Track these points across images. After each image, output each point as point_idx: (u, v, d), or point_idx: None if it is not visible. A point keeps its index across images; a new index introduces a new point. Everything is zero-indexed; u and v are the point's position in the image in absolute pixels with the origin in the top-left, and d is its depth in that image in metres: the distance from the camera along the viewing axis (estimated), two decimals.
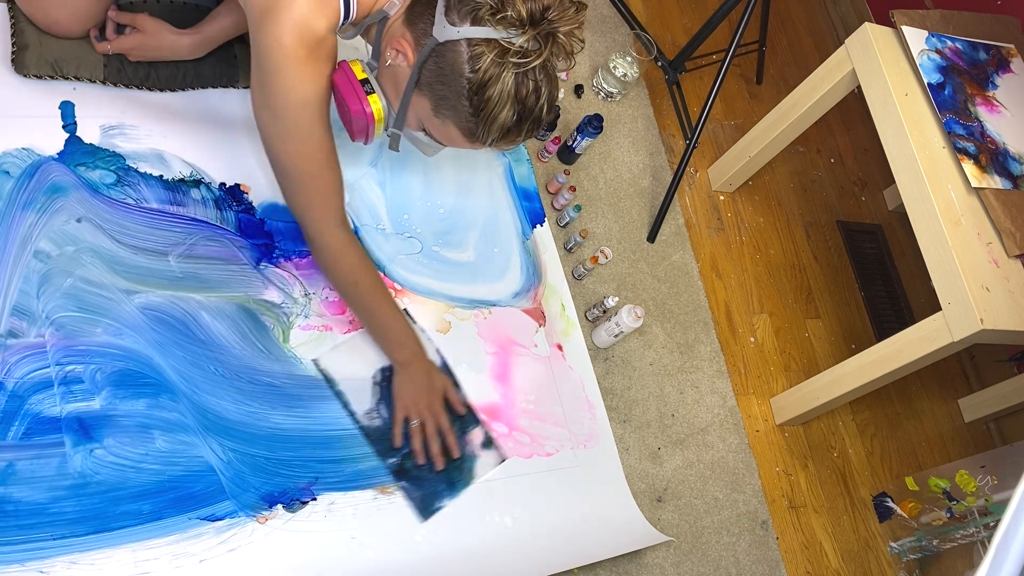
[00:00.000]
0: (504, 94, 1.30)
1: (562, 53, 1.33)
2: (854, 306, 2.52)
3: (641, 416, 1.98)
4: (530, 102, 1.33)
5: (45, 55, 1.57)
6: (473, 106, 1.32)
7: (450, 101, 1.34)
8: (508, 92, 1.30)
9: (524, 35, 1.28)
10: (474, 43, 1.28)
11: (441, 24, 1.30)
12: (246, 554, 1.41)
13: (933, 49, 1.97)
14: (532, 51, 1.29)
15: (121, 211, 1.56)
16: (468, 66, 1.29)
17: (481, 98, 1.30)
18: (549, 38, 1.30)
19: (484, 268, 1.90)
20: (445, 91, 1.33)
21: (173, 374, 1.48)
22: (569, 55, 1.34)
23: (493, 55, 1.28)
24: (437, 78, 1.33)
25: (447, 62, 1.31)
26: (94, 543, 1.31)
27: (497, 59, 1.28)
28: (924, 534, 2.12)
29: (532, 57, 1.29)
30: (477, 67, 1.28)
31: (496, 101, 1.31)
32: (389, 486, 1.58)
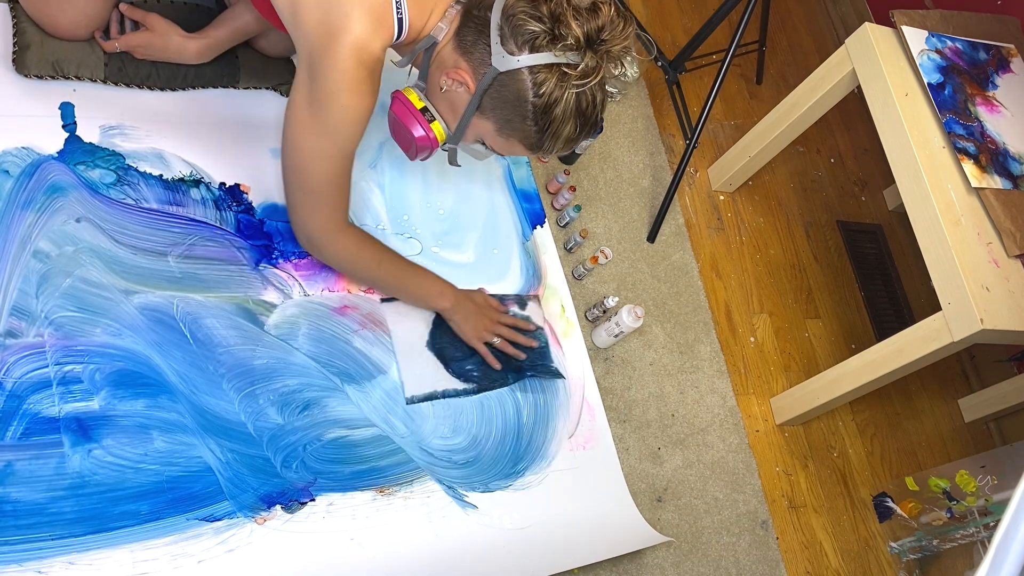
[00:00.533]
0: (568, 112, 1.37)
1: (614, 62, 1.39)
2: (854, 306, 2.52)
3: (641, 416, 1.98)
4: (589, 113, 1.40)
5: (46, 55, 1.57)
6: (539, 126, 1.38)
7: (515, 123, 1.40)
8: (571, 110, 1.37)
9: (583, 57, 1.33)
10: (535, 70, 1.33)
11: (500, 54, 1.34)
12: (244, 555, 1.40)
13: (933, 49, 1.97)
14: (592, 70, 1.34)
15: (120, 211, 1.56)
16: (532, 92, 1.35)
17: (547, 119, 1.37)
18: (605, 56, 1.35)
19: (484, 269, 1.89)
20: (510, 114, 1.39)
21: (172, 374, 1.48)
22: (620, 64, 1.43)
23: (555, 79, 1.34)
24: (500, 104, 1.38)
25: (511, 91, 1.36)
26: (92, 543, 1.31)
27: (560, 82, 1.34)
28: (924, 534, 2.12)
29: (592, 76, 1.35)
30: (541, 92, 1.34)
31: (561, 119, 1.37)
32: (387, 487, 1.58)
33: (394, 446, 1.61)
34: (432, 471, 1.63)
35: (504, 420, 1.76)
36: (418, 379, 1.70)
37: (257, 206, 1.70)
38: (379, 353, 1.68)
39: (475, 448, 1.70)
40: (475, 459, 1.69)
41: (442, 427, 1.68)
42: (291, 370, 1.59)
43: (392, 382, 1.67)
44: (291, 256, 1.68)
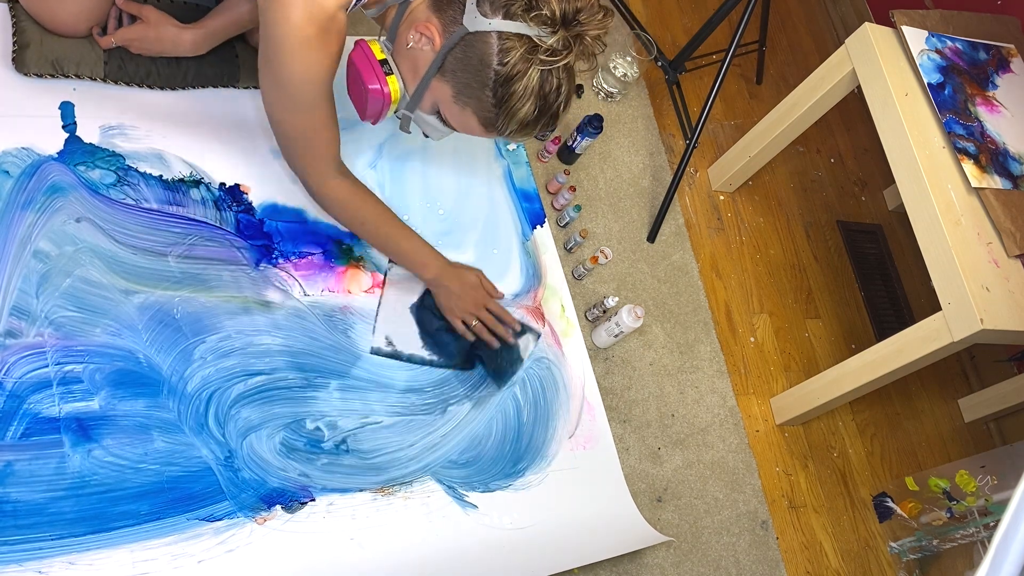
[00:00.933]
0: (528, 89, 1.33)
1: (586, 54, 1.35)
2: (854, 306, 2.52)
3: (641, 416, 1.98)
4: (551, 99, 1.36)
5: (46, 54, 1.57)
6: (496, 97, 1.34)
7: (473, 90, 1.35)
8: (532, 88, 1.33)
9: (555, 34, 1.30)
10: (505, 36, 1.30)
11: (473, 14, 1.31)
12: (244, 555, 1.40)
13: (933, 49, 1.97)
14: (561, 51, 1.31)
15: (120, 211, 1.56)
16: (497, 59, 1.31)
17: (506, 91, 1.33)
18: (578, 40, 1.32)
19: (484, 269, 1.89)
20: (469, 80, 1.34)
21: (172, 375, 1.48)
22: (591, 57, 1.36)
23: (523, 50, 1.30)
24: (462, 66, 1.34)
25: (475, 52, 1.32)
26: (92, 543, 1.31)
27: (526, 55, 1.30)
28: (924, 534, 2.12)
29: (560, 56, 1.31)
30: (506, 60, 1.30)
31: (520, 95, 1.33)
32: (388, 487, 1.58)
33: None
34: (432, 471, 1.63)
35: (504, 420, 1.76)
36: (389, 335, 1.71)
37: (257, 206, 1.70)
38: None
39: (475, 448, 1.70)
40: (475, 459, 1.69)
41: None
42: (292, 368, 1.59)
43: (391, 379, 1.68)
44: (291, 256, 1.68)
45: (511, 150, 2.08)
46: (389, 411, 1.65)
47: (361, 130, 1.88)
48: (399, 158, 1.90)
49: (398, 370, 1.70)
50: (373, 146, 1.89)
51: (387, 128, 1.92)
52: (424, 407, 1.68)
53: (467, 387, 1.75)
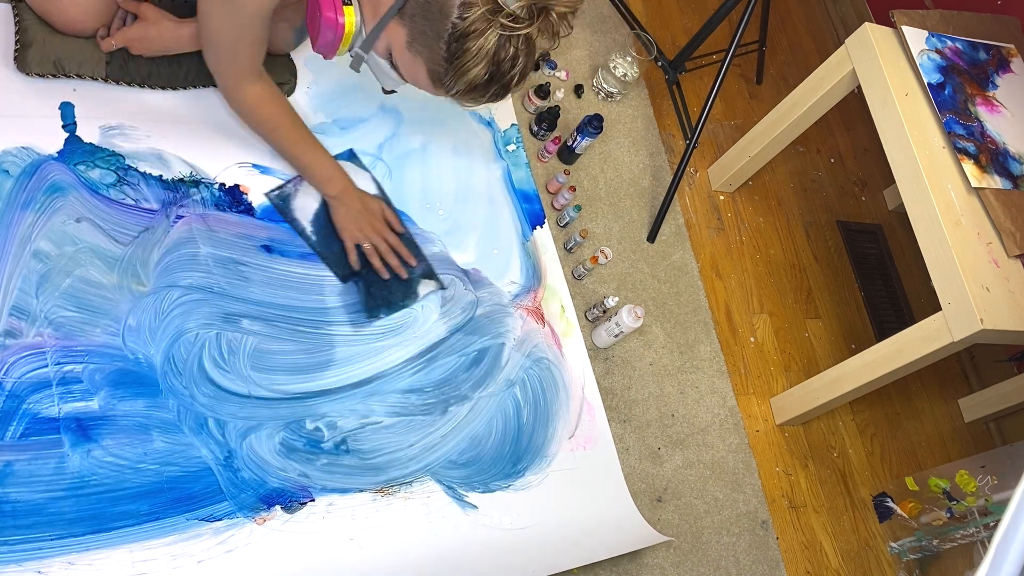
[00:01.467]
0: (483, 51, 1.30)
1: (549, 31, 1.33)
2: (854, 306, 2.52)
3: (641, 416, 1.98)
4: (504, 67, 1.34)
5: (48, 53, 1.57)
6: (449, 52, 1.31)
7: (427, 39, 1.33)
8: (487, 51, 1.31)
9: (519, 1, 1.28)
10: None
11: None
12: (244, 555, 1.40)
13: (933, 49, 1.97)
14: (523, 19, 1.29)
15: (120, 211, 1.56)
16: (457, 12, 1.28)
17: (460, 47, 1.30)
18: (542, 12, 1.30)
19: (484, 269, 1.89)
20: (426, 27, 1.32)
21: (172, 374, 1.48)
22: (555, 36, 1.34)
23: (484, 10, 1.28)
24: (422, 12, 1.32)
25: (438, 2, 1.29)
26: (92, 543, 1.31)
27: (487, 15, 1.28)
28: (924, 534, 2.12)
29: (521, 25, 1.29)
30: (466, 16, 1.28)
31: (473, 55, 1.31)
32: (387, 487, 1.58)
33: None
34: (432, 471, 1.63)
35: (504, 420, 1.76)
36: (289, 194, 1.74)
37: (257, 207, 1.70)
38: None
39: (475, 448, 1.70)
40: (475, 459, 1.69)
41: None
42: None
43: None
44: (291, 257, 1.68)
45: (510, 151, 2.08)
46: (389, 411, 1.65)
47: (362, 129, 1.88)
48: (399, 158, 1.90)
49: (400, 376, 1.70)
50: (373, 146, 1.89)
51: (387, 128, 1.92)
52: (424, 407, 1.68)
53: (468, 386, 1.75)
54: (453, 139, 2.00)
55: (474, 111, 2.07)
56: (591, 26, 2.44)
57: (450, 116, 2.02)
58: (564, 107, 2.24)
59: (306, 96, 1.86)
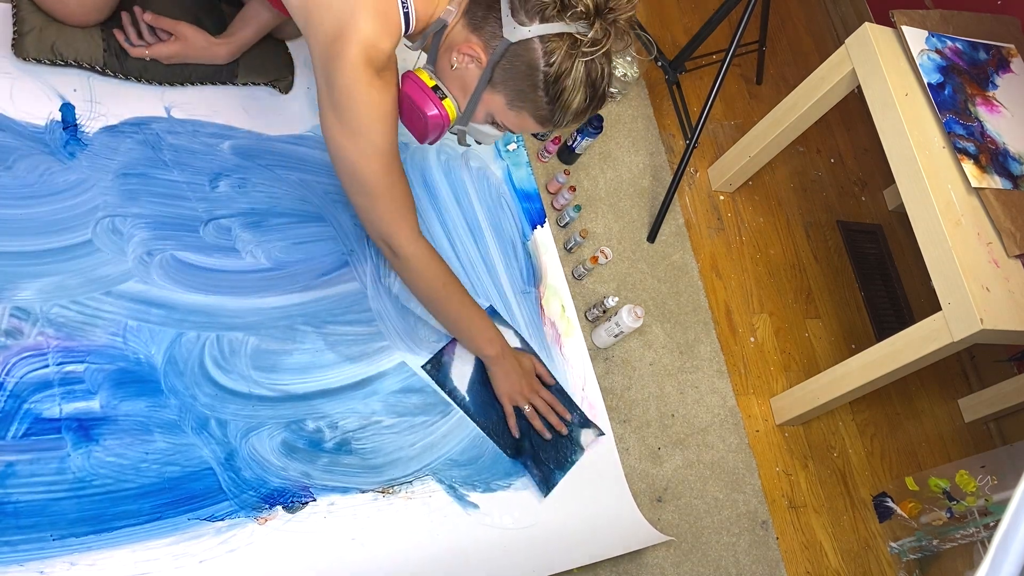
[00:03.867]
0: (578, 82, 1.39)
1: (620, 36, 1.40)
2: (854, 306, 2.52)
3: (641, 416, 1.98)
4: (599, 84, 1.42)
5: (45, 40, 1.57)
6: (549, 96, 1.40)
7: (526, 94, 1.41)
8: (581, 79, 1.39)
9: (592, 27, 1.35)
10: (546, 39, 1.35)
11: (511, 26, 1.36)
12: (246, 555, 1.40)
13: (933, 49, 1.97)
14: (601, 39, 1.36)
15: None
16: (543, 61, 1.36)
17: (557, 88, 1.39)
18: (613, 26, 1.37)
19: (484, 270, 1.89)
20: (520, 85, 1.40)
21: (173, 374, 1.48)
22: (625, 35, 1.40)
23: (566, 48, 1.36)
24: (511, 75, 1.40)
25: (522, 60, 1.38)
26: (94, 543, 1.31)
27: (570, 51, 1.36)
28: (924, 534, 2.12)
29: (600, 45, 1.37)
30: (552, 61, 1.36)
31: (571, 89, 1.39)
32: (389, 487, 1.58)
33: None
34: (433, 470, 1.63)
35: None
36: (446, 363, 1.74)
37: None
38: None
39: (476, 447, 1.70)
40: (476, 458, 1.69)
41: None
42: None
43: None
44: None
45: (511, 151, 2.08)
46: (390, 411, 1.65)
47: None
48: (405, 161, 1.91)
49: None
50: None
51: None
52: (425, 407, 1.69)
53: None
54: (450, 138, 2.00)
55: None
56: None
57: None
58: None
59: (306, 96, 1.86)
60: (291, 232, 1.70)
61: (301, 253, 1.69)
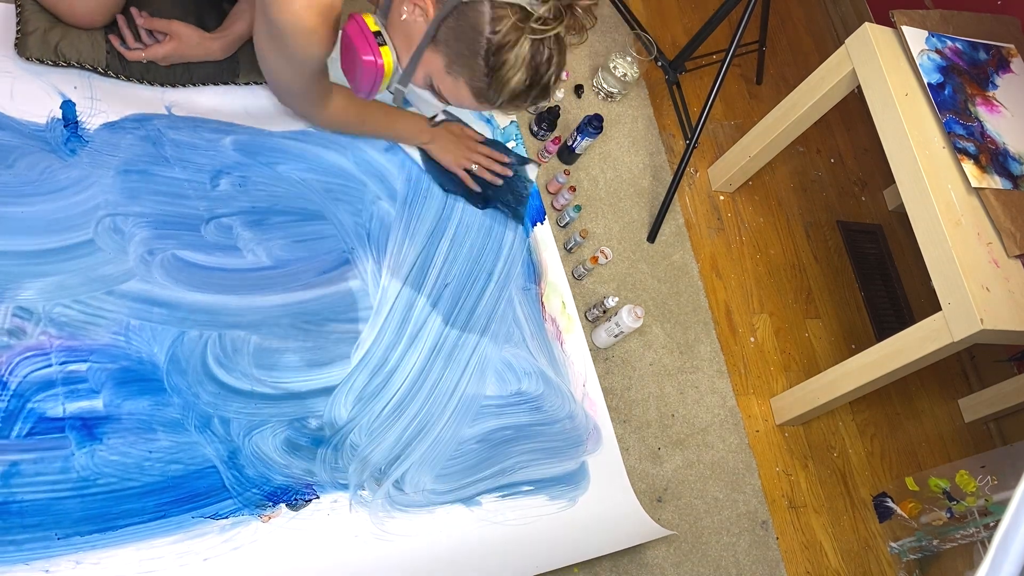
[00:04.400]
0: (520, 59, 1.33)
1: (576, 27, 1.36)
2: (854, 306, 2.52)
3: (641, 416, 1.99)
4: (543, 69, 1.36)
5: (48, 41, 1.57)
6: (488, 66, 1.34)
7: (465, 59, 1.35)
8: (524, 57, 1.33)
9: (546, 3, 1.30)
10: (497, 5, 1.30)
11: None
12: (250, 552, 1.41)
13: (933, 49, 1.98)
14: (552, 20, 1.31)
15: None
16: (489, 27, 1.31)
17: (498, 59, 1.33)
18: (568, 10, 1.33)
19: (484, 270, 1.90)
20: (462, 48, 1.34)
21: (176, 373, 1.48)
22: (582, 30, 1.37)
23: (515, 19, 1.30)
24: (455, 36, 1.34)
25: (468, 21, 1.32)
26: (98, 542, 1.31)
27: (518, 23, 1.30)
28: (924, 534, 2.13)
29: (551, 26, 1.31)
30: (498, 29, 1.30)
31: (512, 64, 1.33)
32: (394, 484, 1.59)
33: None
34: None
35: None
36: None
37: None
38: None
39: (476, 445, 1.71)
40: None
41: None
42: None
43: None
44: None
45: (510, 148, 2.08)
46: (394, 407, 1.65)
47: None
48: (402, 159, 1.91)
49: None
50: (379, 146, 1.89)
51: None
52: (429, 405, 1.69)
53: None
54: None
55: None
56: None
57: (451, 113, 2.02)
58: (564, 107, 2.25)
59: None
60: (292, 230, 1.70)
61: (302, 251, 1.69)
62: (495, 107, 1.42)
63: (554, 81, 1.40)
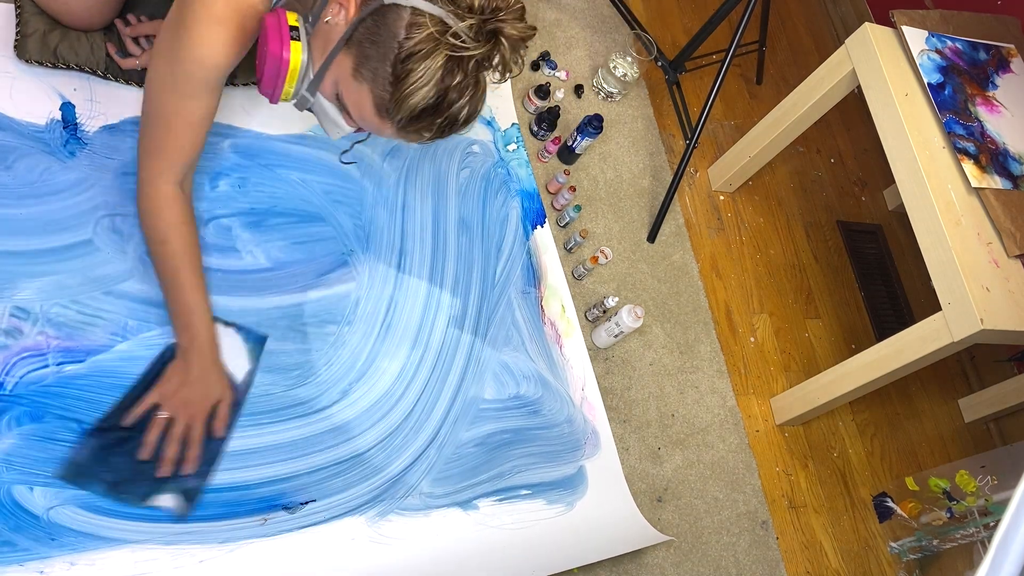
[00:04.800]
0: (429, 73, 1.23)
1: (500, 61, 1.28)
2: (854, 306, 2.52)
3: (641, 416, 1.99)
4: (451, 96, 1.26)
5: (48, 44, 1.57)
6: (395, 74, 1.24)
7: (373, 63, 1.25)
8: (433, 75, 1.23)
9: (467, 21, 1.22)
10: (418, 12, 1.22)
11: None
12: (246, 555, 1.40)
13: (933, 49, 1.97)
14: (471, 40, 1.23)
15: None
16: (404, 32, 1.22)
17: (404, 67, 1.23)
18: (492, 36, 1.25)
19: (485, 269, 1.90)
20: (372, 52, 1.25)
21: None
22: (505, 68, 1.29)
23: (433, 30, 1.21)
24: (369, 37, 1.25)
25: (385, 23, 1.23)
26: (93, 543, 1.31)
27: (435, 35, 1.21)
28: (924, 534, 2.13)
29: (469, 46, 1.23)
30: (412, 36, 1.21)
31: (418, 76, 1.23)
32: (389, 487, 1.58)
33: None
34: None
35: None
36: None
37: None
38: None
39: (475, 450, 1.71)
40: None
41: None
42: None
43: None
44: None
45: (511, 151, 2.08)
46: (391, 414, 1.65)
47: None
48: (408, 163, 1.91)
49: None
50: (380, 153, 1.89)
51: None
52: (426, 409, 1.69)
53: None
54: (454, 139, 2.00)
55: None
56: (591, 26, 2.45)
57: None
58: (564, 107, 2.25)
59: None
60: (291, 232, 1.70)
61: (301, 253, 1.69)
62: (396, 126, 1.30)
63: (464, 118, 1.30)
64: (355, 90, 1.29)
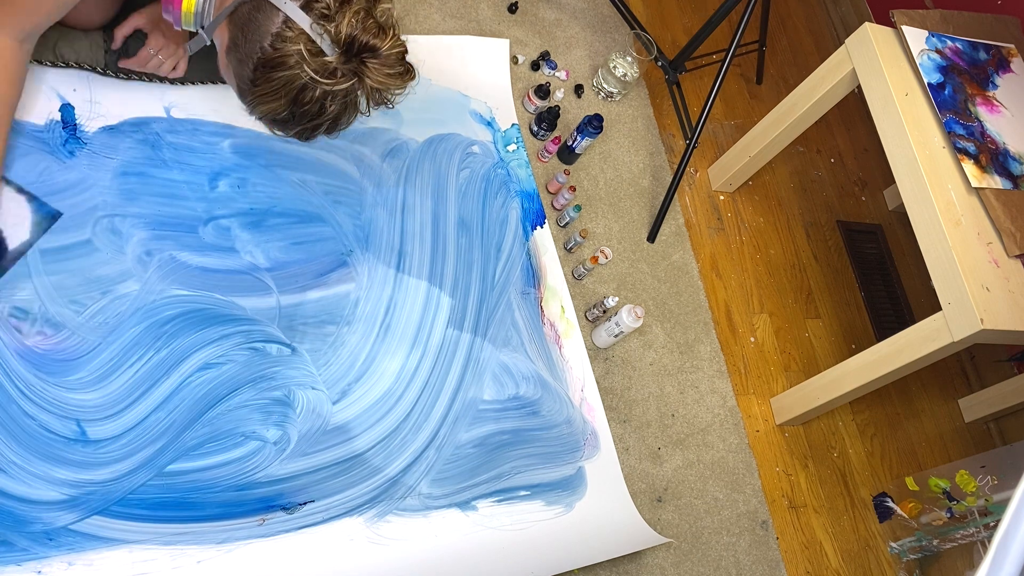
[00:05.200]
0: (286, 89, 1.22)
1: (366, 95, 1.26)
2: (854, 306, 2.52)
3: (641, 416, 1.98)
4: (308, 113, 1.25)
5: (47, 42, 1.57)
6: (253, 76, 1.23)
7: (240, 53, 1.24)
8: (290, 91, 1.22)
9: (334, 56, 1.20)
10: (291, 24, 1.19)
11: None
12: (244, 555, 1.40)
13: (933, 49, 1.97)
14: (332, 72, 1.21)
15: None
16: (270, 39, 1.20)
17: (263, 74, 1.22)
18: (355, 76, 1.23)
19: (485, 269, 1.89)
20: (242, 42, 1.23)
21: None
22: (367, 104, 1.27)
23: (298, 47, 1.19)
24: (245, 24, 1.23)
25: (258, 19, 1.21)
26: (91, 543, 1.31)
27: (298, 56, 1.19)
28: (924, 534, 2.12)
29: (326, 83, 1.21)
30: (277, 47, 1.20)
31: (274, 89, 1.22)
32: (388, 488, 1.58)
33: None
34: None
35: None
36: None
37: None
38: None
39: (474, 450, 1.71)
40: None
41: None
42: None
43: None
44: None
45: (511, 151, 2.08)
46: (390, 415, 1.65)
47: (361, 131, 1.88)
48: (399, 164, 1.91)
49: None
50: (379, 152, 1.89)
51: (392, 122, 1.92)
52: (425, 411, 1.69)
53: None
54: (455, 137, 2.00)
55: (474, 110, 2.07)
56: (591, 26, 2.44)
57: (450, 118, 2.02)
58: (564, 107, 2.24)
59: None
60: (290, 232, 1.70)
61: (300, 253, 1.69)
62: (255, 117, 1.30)
63: (325, 130, 1.29)
64: (225, 64, 1.29)
